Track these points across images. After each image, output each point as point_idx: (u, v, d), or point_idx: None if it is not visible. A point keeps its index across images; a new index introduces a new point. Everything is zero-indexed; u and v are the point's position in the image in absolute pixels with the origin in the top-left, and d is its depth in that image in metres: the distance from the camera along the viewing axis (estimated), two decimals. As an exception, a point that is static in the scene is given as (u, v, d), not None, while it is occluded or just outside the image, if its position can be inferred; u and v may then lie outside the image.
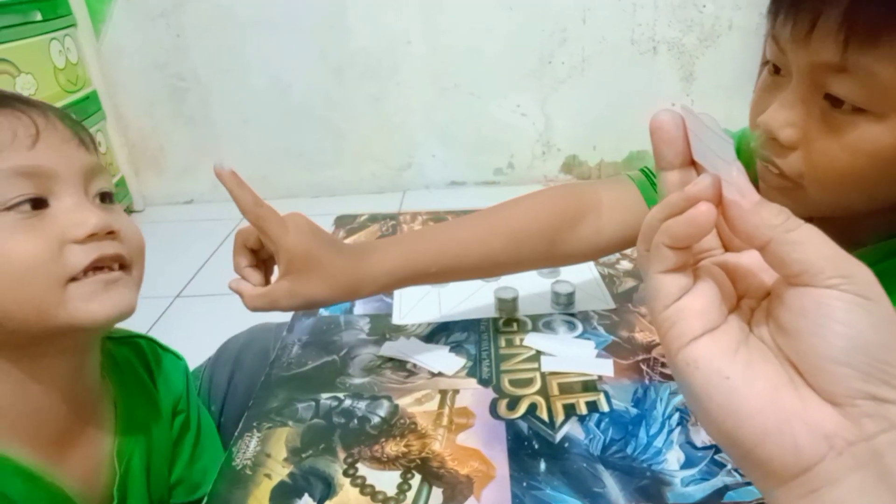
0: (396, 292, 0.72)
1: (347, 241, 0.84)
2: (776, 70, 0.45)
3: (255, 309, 0.50)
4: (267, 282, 0.52)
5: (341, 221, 0.91)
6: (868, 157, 0.42)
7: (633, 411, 0.52)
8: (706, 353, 0.24)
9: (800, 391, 0.23)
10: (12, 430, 0.43)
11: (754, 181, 0.28)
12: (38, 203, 0.41)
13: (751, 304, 0.27)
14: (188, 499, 0.57)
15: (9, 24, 1.74)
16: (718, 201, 0.24)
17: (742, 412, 0.23)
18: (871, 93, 0.40)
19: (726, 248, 0.28)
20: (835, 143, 0.42)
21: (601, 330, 0.63)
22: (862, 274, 0.22)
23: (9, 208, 0.40)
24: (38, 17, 1.87)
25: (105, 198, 0.45)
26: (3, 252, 0.39)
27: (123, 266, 0.44)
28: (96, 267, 0.42)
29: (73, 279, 0.41)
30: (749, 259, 0.27)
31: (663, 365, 0.58)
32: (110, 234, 0.43)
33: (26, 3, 1.83)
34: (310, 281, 0.48)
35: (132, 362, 0.54)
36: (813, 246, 0.23)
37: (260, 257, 0.52)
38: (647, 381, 0.56)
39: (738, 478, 0.45)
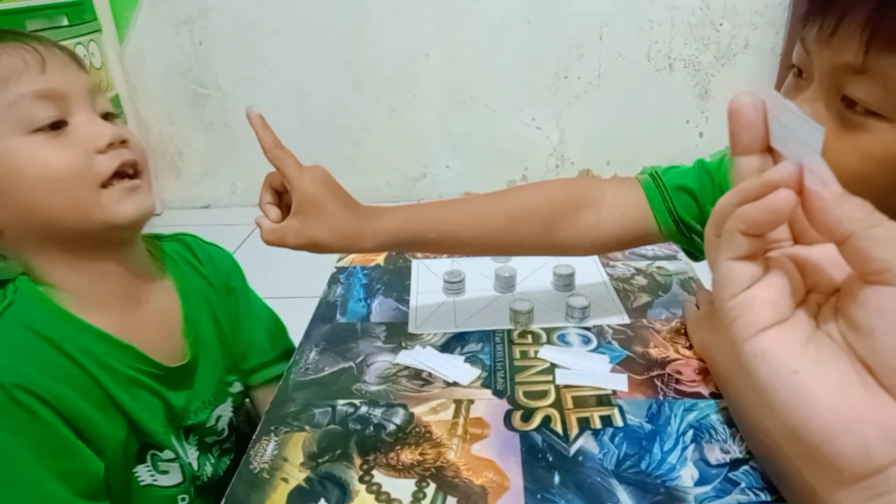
0: (412, 302, 0.72)
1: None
2: (800, 73, 0.46)
3: (268, 242, 0.55)
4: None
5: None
6: (877, 161, 0.43)
7: (648, 427, 0.53)
8: (775, 345, 0.24)
9: (872, 392, 0.23)
10: (90, 306, 0.52)
11: None
12: (58, 124, 0.48)
13: (818, 299, 0.26)
14: (260, 361, 0.67)
15: (36, 28, 1.78)
16: (799, 189, 0.23)
17: (811, 408, 0.23)
18: (886, 96, 0.41)
19: (796, 241, 0.27)
20: (847, 145, 0.43)
21: (616, 344, 0.64)
22: None
23: (35, 130, 0.47)
24: (65, 21, 1.91)
25: (108, 117, 0.52)
26: (44, 164, 0.47)
27: (137, 172, 0.52)
28: (119, 175, 0.50)
29: (104, 186, 0.49)
30: (819, 253, 0.26)
31: (677, 381, 0.58)
32: (123, 143, 0.50)
33: (53, 9, 1.87)
34: (315, 224, 0.53)
35: (180, 251, 0.64)
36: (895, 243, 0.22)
37: (284, 202, 0.57)
38: (661, 398, 0.56)
39: (753, 497, 0.45)
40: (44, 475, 0.45)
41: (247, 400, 0.69)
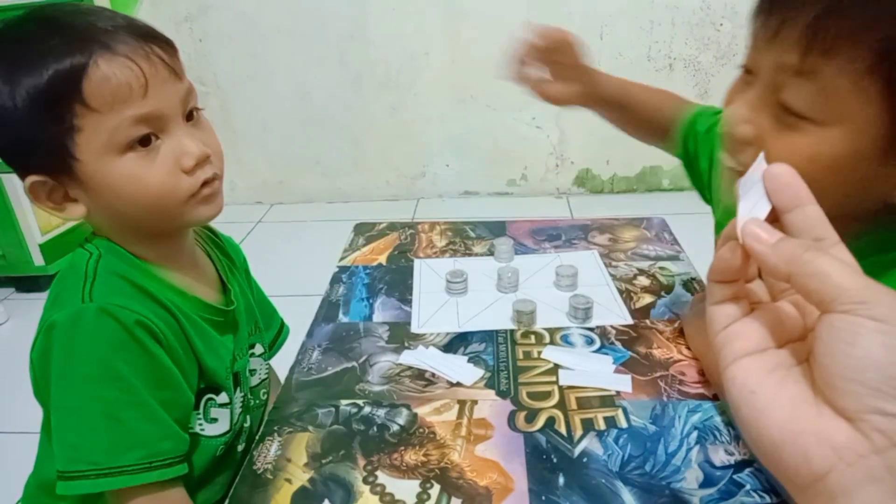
0: (415, 302, 0.72)
1: (366, 248, 0.85)
2: (748, 71, 0.48)
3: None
4: None
5: (360, 229, 0.92)
6: (807, 161, 0.44)
7: (652, 428, 0.52)
8: (742, 371, 0.28)
9: (819, 409, 0.25)
10: (167, 267, 0.58)
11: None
12: (151, 138, 0.51)
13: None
14: (266, 326, 0.74)
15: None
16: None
17: (762, 423, 0.26)
18: (818, 100, 0.43)
19: None
20: (781, 144, 0.46)
21: (619, 345, 0.64)
22: (882, 300, 0.24)
23: (131, 147, 0.50)
24: (66, 19, 1.90)
25: (193, 114, 0.55)
26: (137, 183, 0.51)
27: (216, 177, 0.56)
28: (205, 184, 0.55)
29: (191, 196, 0.54)
30: None
31: (681, 382, 0.58)
32: (206, 158, 0.54)
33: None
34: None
35: (203, 230, 0.70)
36: (831, 275, 0.25)
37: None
38: (665, 399, 0.56)
39: (758, 499, 0.45)
40: (154, 402, 0.51)
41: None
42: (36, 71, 0.47)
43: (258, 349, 0.71)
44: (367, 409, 0.56)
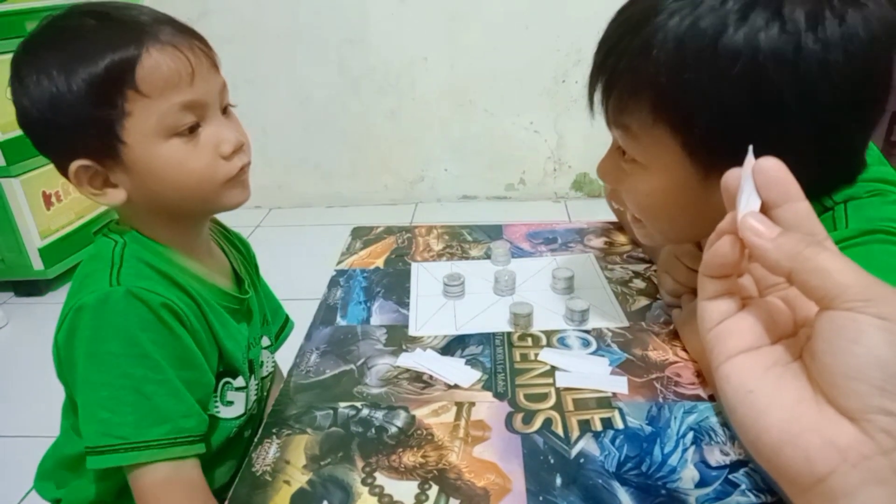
0: (412, 305, 0.73)
1: (363, 252, 0.86)
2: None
3: None
4: None
5: (358, 233, 0.93)
6: (645, 196, 0.55)
7: (648, 429, 0.53)
8: (737, 369, 0.27)
9: (820, 407, 0.25)
10: (187, 256, 0.61)
11: None
12: (194, 127, 0.55)
13: (808, 332, 0.28)
14: (273, 320, 0.77)
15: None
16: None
17: (761, 424, 0.25)
18: (636, 148, 0.53)
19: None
20: (628, 185, 0.57)
21: (615, 347, 0.64)
22: (885, 297, 0.24)
23: (177, 134, 0.54)
24: (66, 24, 1.91)
25: (227, 110, 0.59)
26: (181, 168, 0.54)
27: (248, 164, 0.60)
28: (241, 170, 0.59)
29: (228, 181, 0.57)
30: None
31: (677, 384, 0.58)
32: (241, 146, 0.58)
33: (53, 11, 1.87)
34: None
35: (214, 224, 0.72)
36: (833, 272, 0.24)
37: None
38: (661, 400, 0.56)
39: (753, 498, 0.46)
40: (178, 381, 0.54)
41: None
42: (92, 60, 0.51)
43: (265, 341, 0.73)
44: (365, 412, 0.56)
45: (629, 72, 0.50)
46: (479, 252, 0.85)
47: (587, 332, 0.67)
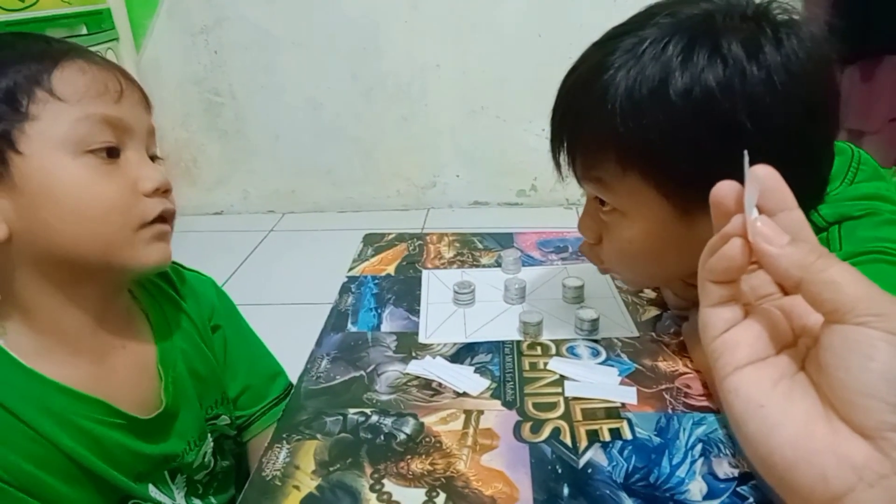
0: (423, 312, 0.73)
1: (374, 259, 0.87)
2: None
3: None
4: None
5: (369, 239, 0.93)
6: (629, 242, 0.56)
7: (657, 440, 0.53)
8: (746, 382, 0.26)
9: (833, 424, 0.24)
10: (57, 349, 0.48)
11: None
12: (113, 152, 0.47)
13: (808, 342, 0.27)
14: (257, 407, 0.64)
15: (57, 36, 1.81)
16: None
17: (773, 440, 0.25)
18: (613, 198, 0.55)
19: (786, 293, 0.29)
20: (611, 236, 0.58)
21: (624, 357, 0.64)
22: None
23: (91, 151, 0.45)
24: (84, 30, 1.95)
25: (154, 159, 0.52)
26: (91, 193, 0.45)
27: (169, 222, 0.51)
28: (156, 219, 0.49)
29: (143, 226, 0.48)
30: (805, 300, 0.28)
31: (686, 395, 0.58)
32: (166, 192, 0.50)
33: (74, 18, 1.91)
34: None
35: (157, 283, 0.60)
36: (844, 285, 0.24)
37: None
38: (670, 411, 0.56)
39: (761, 512, 0.45)
40: None
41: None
42: (8, 65, 0.44)
43: (224, 419, 0.62)
44: (374, 418, 0.56)
45: (589, 129, 0.53)
46: (489, 260, 0.85)
47: (597, 341, 0.67)
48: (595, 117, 0.51)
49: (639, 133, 0.49)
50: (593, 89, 0.51)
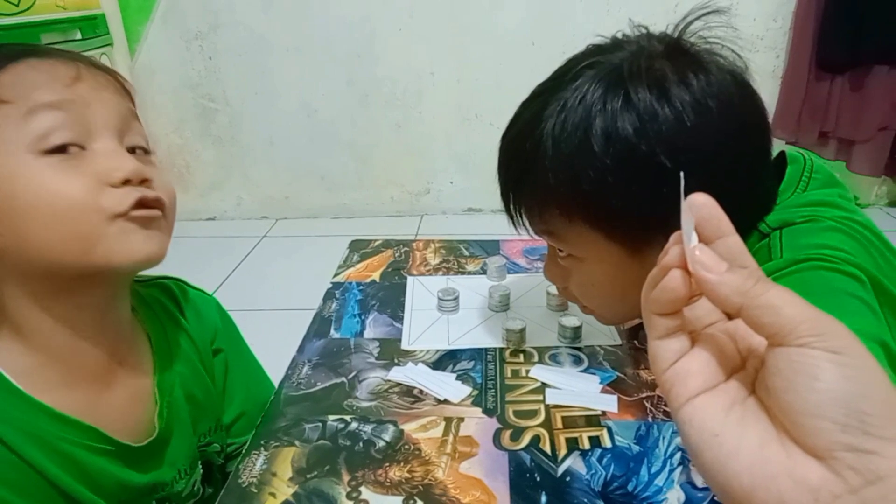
0: (406, 319, 0.73)
1: (360, 265, 0.86)
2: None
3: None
4: None
5: (356, 245, 0.93)
6: (590, 285, 0.59)
7: (636, 448, 0.53)
8: (699, 411, 0.26)
9: (786, 447, 0.24)
10: (50, 368, 0.45)
11: None
12: (71, 147, 0.43)
13: (756, 364, 0.27)
14: (250, 434, 0.57)
15: (51, 42, 1.82)
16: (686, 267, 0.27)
17: (730, 468, 0.25)
18: (567, 245, 0.57)
19: (730, 318, 0.29)
20: (574, 280, 0.60)
21: (606, 365, 0.64)
22: (835, 330, 0.24)
23: (48, 152, 0.42)
24: (78, 35, 1.95)
25: (136, 151, 0.47)
26: (50, 189, 0.42)
27: (160, 209, 0.46)
28: (140, 205, 0.44)
29: (118, 216, 0.43)
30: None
31: (667, 403, 0.58)
32: (144, 182, 0.45)
33: (68, 23, 1.91)
34: None
35: (161, 300, 0.57)
36: (783, 308, 0.24)
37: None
38: (650, 419, 0.56)
39: (737, 521, 0.45)
40: None
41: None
42: None
43: (215, 447, 0.60)
44: (354, 425, 0.56)
45: (529, 185, 0.55)
46: (475, 267, 0.85)
47: (579, 349, 0.67)
48: (532, 172, 0.53)
49: (571, 185, 0.51)
50: (526, 146, 0.53)
